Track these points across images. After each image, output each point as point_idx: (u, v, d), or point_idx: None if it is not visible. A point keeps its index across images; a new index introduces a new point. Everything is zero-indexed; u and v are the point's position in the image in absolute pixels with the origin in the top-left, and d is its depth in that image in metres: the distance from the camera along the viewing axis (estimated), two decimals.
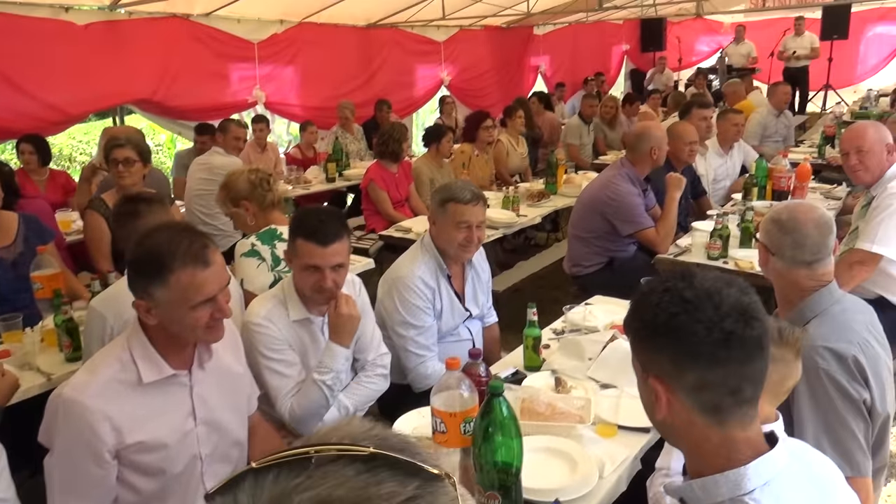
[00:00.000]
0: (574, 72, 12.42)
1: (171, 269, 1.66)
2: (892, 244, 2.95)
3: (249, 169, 3.01)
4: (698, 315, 1.09)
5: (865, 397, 1.80)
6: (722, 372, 1.10)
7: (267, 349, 2.20)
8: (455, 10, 8.43)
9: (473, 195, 2.61)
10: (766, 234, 2.06)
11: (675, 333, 1.11)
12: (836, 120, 7.27)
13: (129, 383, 1.73)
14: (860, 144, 3.14)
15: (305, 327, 2.30)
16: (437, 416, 1.70)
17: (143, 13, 6.10)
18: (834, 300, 1.95)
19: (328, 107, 7.73)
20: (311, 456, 0.55)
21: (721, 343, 1.08)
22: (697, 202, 4.68)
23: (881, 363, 1.87)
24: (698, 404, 1.12)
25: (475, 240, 2.64)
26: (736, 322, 1.08)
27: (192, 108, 6.57)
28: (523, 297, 3.21)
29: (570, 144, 7.53)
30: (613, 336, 2.49)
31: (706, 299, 1.10)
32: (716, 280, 1.13)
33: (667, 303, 1.12)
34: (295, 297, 2.27)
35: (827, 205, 4.50)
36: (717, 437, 1.12)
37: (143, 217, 2.52)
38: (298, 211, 2.43)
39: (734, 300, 1.10)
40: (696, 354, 1.10)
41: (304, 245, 2.15)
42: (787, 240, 1.98)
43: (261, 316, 2.22)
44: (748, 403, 1.12)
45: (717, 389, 1.11)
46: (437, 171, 5.48)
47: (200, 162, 5.13)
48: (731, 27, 13.76)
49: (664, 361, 1.14)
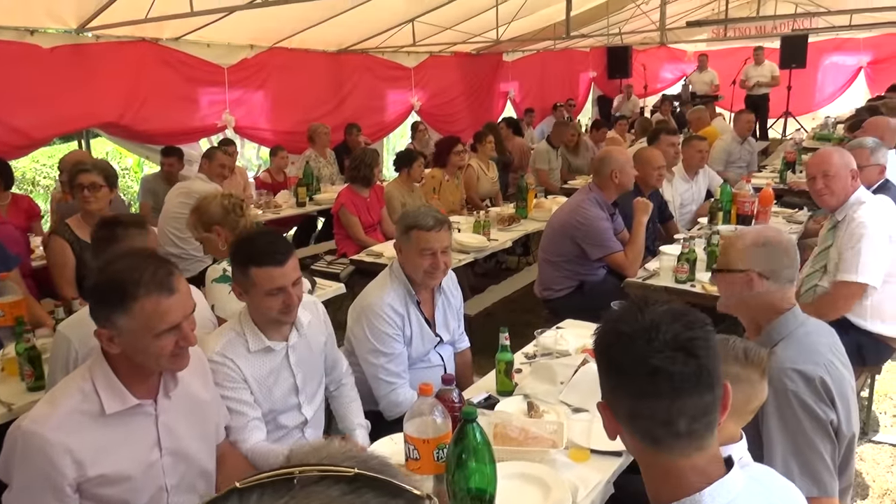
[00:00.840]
0: (543, 98, 12.62)
1: (134, 297, 1.62)
2: (874, 271, 3.04)
3: (222, 194, 2.98)
4: (629, 349, 1.11)
5: (832, 418, 1.83)
6: (650, 405, 1.11)
7: (220, 387, 2.13)
8: (425, 37, 8.52)
9: (437, 221, 2.59)
10: (756, 259, 2.02)
11: (610, 364, 1.16)
12: (796, 146, 7.47)
13: (91, 414, 1.69)
14: (826, 169, 3.22)
15: (267, 356, 2.24)
16: (410, 443, 1.68)
17: (111, 37, 6.04)
18: (798, 323, 1.99)
19: (298, 131, 7.72)
20: (294, 477, 0.54)
21: (647, 378, 1.10)
22: (665, 226, 4.75)
23: (846, 384, 1.91)
24: (636, 432, 1.15)
25: (441, 266, 2.62)
26: (666, 358, 1.09)
27: (160, 132, 6.50)
28: (495, 321, 3.21)
29: (540, 169, 7.62)
30: (584, 360, 2.50)
31: (641, 334, 1.11)
32: (665, 313, 1.13)
33: (606, 333, 1.17)
34: (253, 327, 2.21)
35: (789, 228, 4.61)
36: (663, 463, 1.13)
37: (120, 241, 2.47)
38: (241, 239, 2.29)
39: (672, 336, 1.10)
40: (625, 386, 1.14)
41: (261, 271, 2.09)
42: (784, 260, 2.01)
43: (215, 352, 2.15)
44: (687, 437, 1.11)
45: (648, 421, 1.12)
46: (409, 195, 5.49)
47: (182, 186, 5.07)
48: (694, 56, 14.15)
49: (605, 388, 1.18)
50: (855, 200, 3.19)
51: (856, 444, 1.96)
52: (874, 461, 3.36)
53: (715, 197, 4.93)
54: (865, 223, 3.06)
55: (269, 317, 2.19)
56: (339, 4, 6.29)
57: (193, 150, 7.17)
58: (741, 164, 7.07)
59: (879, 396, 3.88)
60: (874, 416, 3.70)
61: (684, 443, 1.11)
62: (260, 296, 2.12)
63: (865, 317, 3.14)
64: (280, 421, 2.29)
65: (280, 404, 2.28)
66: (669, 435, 1.11)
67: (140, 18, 5.42)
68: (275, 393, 2.26)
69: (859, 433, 3.43)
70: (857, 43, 13.23)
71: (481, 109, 11.17)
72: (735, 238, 2.16)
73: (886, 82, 11.65)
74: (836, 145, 4.11)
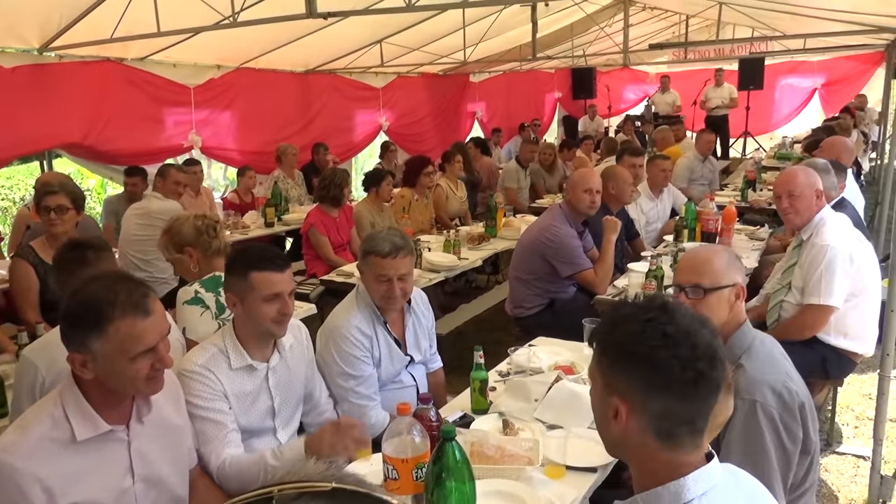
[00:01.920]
0: (509, 118, 12.78)
1: (109, 319, 1.60)
2: (838, 294, 3.14)
3: (195, 215, 2.94)
4: (676, 352, 1.17)
5: (797, 432, 1.87)
6: (686, 406, 1.19)
7: (199, 398, 2.11)
8: (393, 58, 8.59)
9: (393, 247, 2.55)
10: (738, 272, 2.11)
11: (651, 364, 1.19)
12: (756, 165, 7.68)
13: (61, 441, 1.65)
14: (791, 189, 3.32)
15: (248, 374, 2.24)
16: (389, 463, 1.68)
17: (75, 57, 5.97)
18: (753, 334, 2.05)
19: (266, 151, 7.68)
20: (273, 496, 0.55)
21: (692, 381, 1.17)
22: (631, 244, 4.83)
23: (802, 386, 1.96)
24: (655, 430, 1.20)
25: (396, 292, 2.58)
26: (706, 364, 1.17)
27: (125, 152, 6.42)
28: (466, 340, 3.24)
29: (509, 188, 7.69)
30: (558, 377, 2.53)
31: (685, 337, 1.18)
32: (692, 319, 1.21)
33: (649, 334, 1.19)
34: (237, 344, 2.22)
35: (752, 245, 4.73)
36: (664, 458, 1.21)
37: (92, 265, 2.43)
38: (239, 249, 2.37)
39: (707, 342, 1.18)
40: (667, 387, 1.18)
41: (261, 276, 2.14)
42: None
43: (198, 364, 2.15)
44: (699, 434, 1.21)
45: (677, 419, 1.19)
46: (378, 215, 5.50)
47: (137, 207, 5.00)
48: (656, 77, 14.49)
49: (634, 385, 1.21)
50: (819, 220, 3.29)
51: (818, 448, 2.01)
52: (839, 472, 3.43)
53: (680, 215, 5.04)
54: (829, 245, 3.15)
55: (261, 327, 2.19)
56: (307, 26, 6.31)
57: None
58: (703, 181, 7.25)
59: (842, 408, 3.97)
60: (837, 428, 3.79)
61: (692, 441, 1.20)
62: (257, 302, 2.14)
63: (829, 332, 3.23)
64: (253, 445, 2.27)
65: (255, 425, 2.26)
66: (687, 433, 1.19)
67: (105, 38, 5.37)
68: (251, 414, 2.24)
69: (824, 444, 3.53)
70: (811, 66, 13.70)
71: (449, 129, 11.26)
72: (708, 255, 2.15)
73: (840, 103, 12.10)
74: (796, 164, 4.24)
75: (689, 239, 4.74)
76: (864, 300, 3.24)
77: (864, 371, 4.17)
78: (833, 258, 3.13)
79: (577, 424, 2.28)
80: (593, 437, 2.20)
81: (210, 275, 2.81)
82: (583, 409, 2.31)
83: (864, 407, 3.98)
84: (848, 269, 3.16)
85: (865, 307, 3.25)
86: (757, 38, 10.00)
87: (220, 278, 2.79)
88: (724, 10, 7.91)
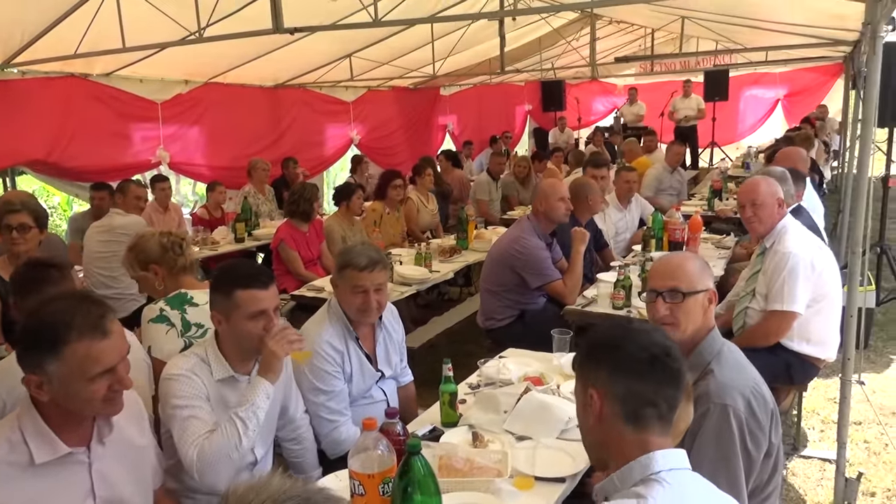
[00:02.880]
0: (480, 130, 12.86)
1: (65, 342, 1.58)
2: (800, 300, 3.21)
3: (161, 231, 2.89)
4: (634, 338, 1.46)
5: (761, 439, 1.89)
6: (645, 387, 1.41)
7: (183, 397, 2.10)
8: (363, 72, 8.60)
9: (370, 261, 2.58)
10: (709, 277, 2.15)
11: (614, 350, 1.46)
12: (721, 175, 7.83)
13: (19, 465, 1.62)
14: (754, 198, 3.40)
15: (230, 386, 2.22)
16: (356, 479, 1.67)
17: (39, 73, 5.88)
18: (721, 341, 2.08)
19: (235, 166, 7.63)
20: None
21: (647, 362, 1.42)
22: (600, 254, 4.89)
23: (766, 388, 1.99)
24: (624, 413, 1.42)
25: (373, 304, 2.60)
26: (660, 351, 1.44)
27: (90, 169, 6.32)
28: (438, 353, 3.23)
29: (480, 200, 7.73)
30: (527, 388, 2.54)
31: (641, 331, 1.49)
32: (649, 325, 1.54)
33: (612, 327, 1.56)
34: (219, 355, 2.21)
35: (718, 254, 4.81)
36: (635, 440, 1.41)
37: (57, 284, 2.39)
38: (223, 267, 2.38)
39: (661, 340, 1.47)
40: (628, 370, 1.43)
41: (246, 293, 2.13)
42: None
43: (184, 368, 2.14)
44: (663, 419, 1.42)
45: (641, 400, 1.41)
46: (349, 228, 5.49)
47: (99, 224, 4.94)
48: (624, 89, 14.73)
49: (602, 374, 1.45)
50: (782, 228, 3.37)
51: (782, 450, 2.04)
52: (805, 475, 3.49)
53: (647, 225, 5.11)
54: (791, 252, 3.22)
55: (246, 345, 2.18)
56: (275, 41, 6.30)
57: None
58: (671, 192, 7.36)
59: (807, 413, 4.05)
60: (803, 432, 3.85)
61: (659, 425, 1.42)
62: (241, 320, 2.13)
63: (793, 338, 3.29)
64: None
65: None
66: (654, 416, 1.41)
67: (69, 54, 5.31)
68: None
69: (790, 449, 3.59)
70: (773, 77, 14.04)
71: (420, 142, 11.29)
72: (682, 261, 2.18)
73: (802, 114, 12.41)
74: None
75: (656, 248, 4.82)
76: (826, 306, 3.31)
77: (828, 376, 4.26)
78: (795, 265, 3.20)
79: (546, 435, 2.29)
80: (562, 448, 2.22)
81: (175, 292, 2.77)
82: (551, 420, 2.33)
83: (830, 411, 4.05)
84: (810, 276, 3.23)
85: (827, 313, 3.32)
86: (720, 50, 10.22)
87: (186, 295, 2.76)
88: (686, 24, 8.07)
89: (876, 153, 4.80)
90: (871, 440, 3.77)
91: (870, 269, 4.91)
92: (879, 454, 3.64)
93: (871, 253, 5.09)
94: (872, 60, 2.98)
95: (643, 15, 9.07)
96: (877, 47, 2.96)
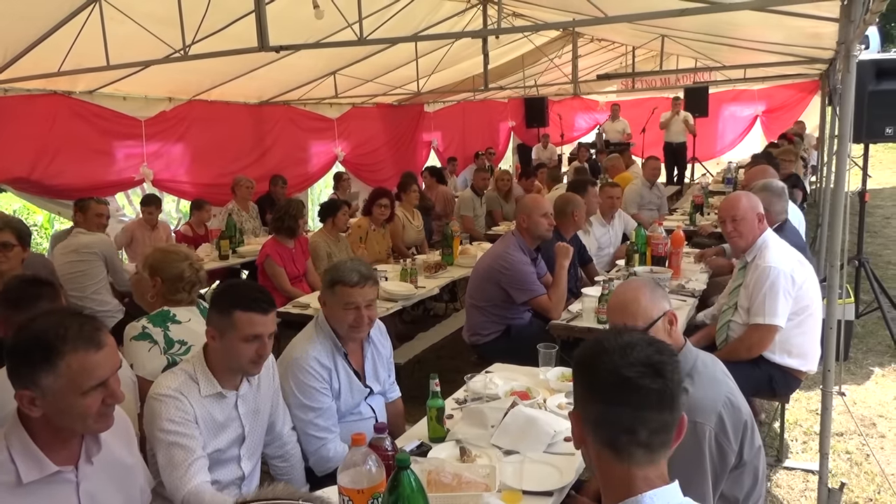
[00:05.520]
0: (465, 146, 12.95)
1: (60, 354, 1.58)
2: (782, 314, 3.26)
3: (193, 262, 2.88)
4: (605, 359, 1.28)
5: (728, 454, 1.91)
6: (616, 411, 1.25)
7: (170, 421, 2.10)
8: (347, 89, 8.64)
9: (361, 276, 2.60)
10: (664, 300, 2.16)
11: (587, 371, 1.32)
12: (703, 189, 7.93)
13: (6, 485, 1.60)
14: (734, 213, 3.47)
15: (217, 402, 2.23)
16: (345, 495, 1.67)
17: (21, 90, 5.86)
18: (694, 356, 2.10)
19: (219, 183, 7.62)
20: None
21: (616, 386, 1.25)
22: (584, 269, 4.93)
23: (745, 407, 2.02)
24: (598, 438, 1.28)
25: (365, 320, 2.61)
26: (636, 372, 1.25)
27: (73, 187, 6.28)
28: (424, 368, 3.24)
29: (465, 216, 7.76)
30: (514, 402, 2.55)
31: (618, 350, 1.28)
32: (641, 339, 1.31)
33: (587, 348, 1.34)
34: (207, 371, 2.22)
35: (700, 268, 4.87)
36: (619, 471, 1.26)
37: (51, 300, 2.38)
38: (227, 285, 2.39)
39: (645, 356, 1.27)
40: (596, 392, 1.29)
41: (245, 316, 2.15)
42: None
43: (171, 388, 2.15)
44: (645, 447, 1.25)
45: (614, 427, 1.26)
46: (335, 245, 5.49)
47: (64, 245, 4.91)
48: (606, 105, 14.89)
49: (577, 394, 1.35)
50: (762, 242, 3.43)
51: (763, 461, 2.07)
52: (789, 486, 3.53)
53: (630, 240, 5.17)
54: (772, 267, 3.28)
55: (235, 365, 2.20)
56: (259, 58, 6.32)
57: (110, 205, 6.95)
58: (651, 207, 7.45)
59: (790, 424, 4.09)
60: (786, 444, 3.90)
61: (641, 453, 1.25)
62: (236, 340, 2.16)
63: (774, 351, 3.35)
64: (215, 475, 2.23)
65: (222, 453, 2.25)
66: (631, 443, 1.25)
67: (52, 72, 5.29)
68: (220, 441, 2.23)
69: (774, 460, 3.62)
70: (752, 94, 14.26)
71: (405, 158, 11.34)
72: (634, 295, 2.15)
73: (780, 129, 12.60)
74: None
75: (640, 263, 4.86)
76: (806, 319, 3.36)
77: (809, 388, 4.31)
78: (776, 279, 3.26)
79: (533, 449, 2.30)
80: (549, 462, 2.23)
81: (158, 310, 2.77)
82: (538, 434, 2.35)
83: (811, 422, 4.10)
84: (790, 290, 3.28)
85: (808, 326, 3.38)
86: (700, 68, 10.39)
87: (169, 313, 2.77)
88: (666, 42, 8.20)
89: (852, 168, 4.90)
90: (852, 451, 3.82)
91: (848, 282, 5.00)
92: (861, 465, 3.69)
93: (849, 266, 5.18)
94: (847, 78, 3.06)
95: (624, 33, 9.22)
96: (850, 66, 3.04)
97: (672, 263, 4.71)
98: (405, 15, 6.33)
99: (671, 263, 4.72)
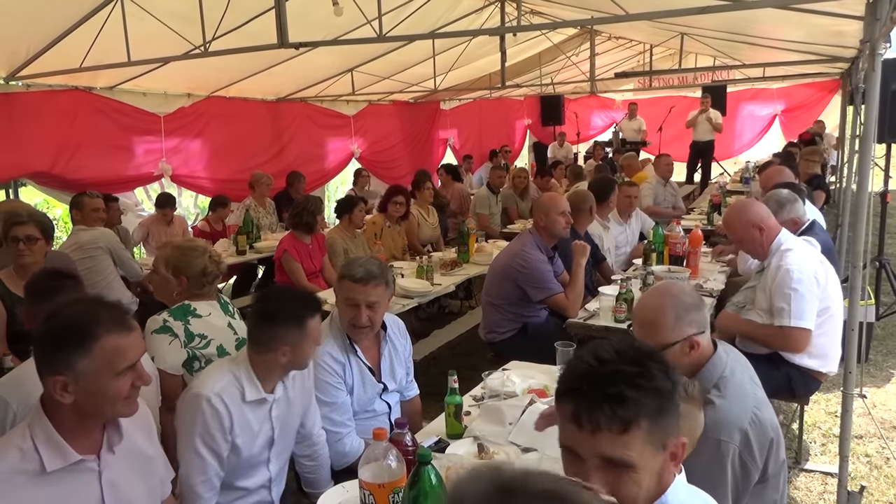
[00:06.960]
0: (481, 144, 12.93)
1: (95, 336, 1.60)
2: (808, 315, 3.17)
3: (212, 255, 2.89)
4: (572, 364, 1.34)
5: (752, 471, 1.87)
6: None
7: (196, 426, 2.11)
8: (364, 86, 8.66)
9: (367, 274, 2.54)
10: (691, 322, 2.03)
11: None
12: (721, 189, 7.87)
13: (30, 473, 1.62)
14: (733, 234, 3.47)
15: (258, 408, 2.23)
16: (366, 489, 1.68)
17: (43, 86, 5.93)
18: (723, 366, 2.02)
19: (237, 179, 7.67)
20: None
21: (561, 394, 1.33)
22: (599, 268, 4.91)
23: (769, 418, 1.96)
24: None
25: (363, 319, 2.55)
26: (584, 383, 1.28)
27: (93, 181, 6.33)
28: (440, 365, 3.24)
29: (480, 214, 7.75)
30: (532, 400, 2.55)
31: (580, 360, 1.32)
32: (619, 346, 1.32)
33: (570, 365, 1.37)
34: (252, 376, 2.20)
35: (718, 268, 4.83)
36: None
37: (73, 293, 2.40)
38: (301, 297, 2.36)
39: (611, 369, 1.27)
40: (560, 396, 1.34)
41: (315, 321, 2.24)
42: (700, 307, 2.08)
43: (214, 392, 2.13)
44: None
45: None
46: (351, 241, 5.51)
47: (68, 245, 4.87)
48: (623, 104, 14.81)
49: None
50: (778, 246, 3.36)
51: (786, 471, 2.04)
52: (807, 489, 3.50)
53: (648, 239, 5.14)
54: (794, 270, 3.18)
55: (297, 365, 2.26)
56: (277, 55, 6.35)
57: (129, 199, 7.03)
58: (666, 204, 7.41)
59: (809, 427, 4.05)
60: (805, 446, 3.86)
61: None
62: (308, 343, 2.22)
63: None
64: (242, 481, 2.26)
65: (255, 457, 2.27)
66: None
67: (74, 68, 5.35)
68: (256, 443, 2.24)
69: (792, 463, 3.59)
70: (771, 93, 14.12)
71: (421, 156, 11.35)
72: (654, 316, 2.06)
73: (799, 129, 12.47)
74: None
75: (657, 262, 4.84)
76: (827, 320, 3.31)
77: (829, 390, 4.27)
78: (801, 282, 3.19)
79: (552, 447, 2.29)
80: None
81: (179, 304, 2.80)
82: (556, 432, 2.34)
83: (831, 425, 4.06)
84: (815, 290, 3.24)
85: (829, 327, 3.33)
86: (719, 66, 10.30)
87: (190, 307, 2.79)
88: (685, 41, 8.15)
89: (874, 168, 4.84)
90: (872, 454, 3.78)
91: (869, 284, 4.95)
92: (881, 468, 3.65)
93: (870, 267, 5.12)
94: (871, 77, 3.01)
95: (643, 31, 9.16)
96: (876, 64, 2.99)
97: (690, 263, 4.68)
98: (423, 12, 6.33)
99: (689, 263, 4.69)
